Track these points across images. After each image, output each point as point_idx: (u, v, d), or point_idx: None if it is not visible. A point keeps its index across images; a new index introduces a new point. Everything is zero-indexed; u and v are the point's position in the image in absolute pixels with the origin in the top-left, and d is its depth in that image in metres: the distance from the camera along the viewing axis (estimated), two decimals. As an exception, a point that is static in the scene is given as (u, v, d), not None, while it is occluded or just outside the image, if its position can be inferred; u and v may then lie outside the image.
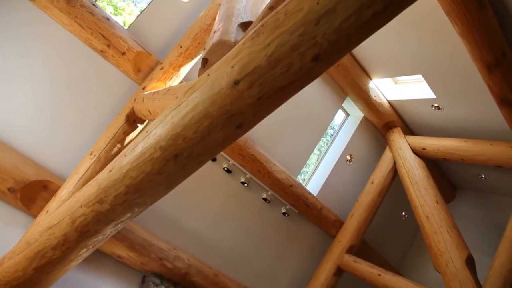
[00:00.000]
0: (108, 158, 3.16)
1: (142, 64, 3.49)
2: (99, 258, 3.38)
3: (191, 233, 3.97)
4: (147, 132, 1.86)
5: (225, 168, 4.04)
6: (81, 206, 2.15)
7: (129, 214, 2.08)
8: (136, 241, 3.41)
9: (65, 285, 3.08)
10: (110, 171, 2.00)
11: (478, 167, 5.08)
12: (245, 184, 4.20)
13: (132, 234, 3.40)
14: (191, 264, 3.79)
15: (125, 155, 1.93)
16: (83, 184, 2.95)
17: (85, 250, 2.37)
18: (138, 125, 3.37)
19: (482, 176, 5.24)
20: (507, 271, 3.28)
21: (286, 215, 4.56)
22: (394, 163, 4.94)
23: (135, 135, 3.35)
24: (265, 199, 4.37)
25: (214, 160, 3.97)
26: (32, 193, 3.01)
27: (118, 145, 3.25)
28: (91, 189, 2.13)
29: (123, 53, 3.39)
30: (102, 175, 2.09)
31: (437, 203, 4.05)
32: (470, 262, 3.55)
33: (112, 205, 2.00)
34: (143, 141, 1.83)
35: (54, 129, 3.21)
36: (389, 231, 5.73)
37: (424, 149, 4.74)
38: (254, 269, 4.49)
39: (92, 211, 2.09)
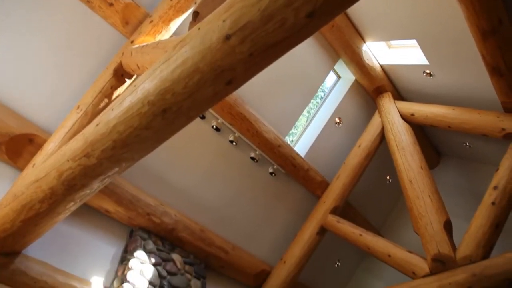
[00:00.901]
0: (95, 112, 3.11)
1: (131, 16, 3.36)
2: (87, 212, 3.42)
3: (179, 189, 4.01)
4: (135, 86, 1.82)
5: (214, 126, 4.03)
6: (68, 160, 2.13)
7: (116, 169, 2.08)
8: (124, 196, 3.44)
9: (54, 237, 3.12)
10: (97, 125, 1.97)
11: (464, 135, 5.16)
12: (234, 143, 4.21)
13: (120, 189, 3.42)
14: (178, 220, 3.86)
15: (112, 109, 1.90)
16: (70, 138, 2.92)
17: (72, 203, 2.38)
18: (126, 79, 3.30)
19: (466, 144, 5.32)
20: (481, 234, 3.42)
21: (273, 175, 4.62)
22: (382, 128, 4.98)
23: (123, 90, 3.28)
24: (253, 159, 4.40)
25: (203, 117, 3.95)
26: (18, 146, 2.97)
27: (106, 100, 3.19)
28: (77, 143, 2.11)
29: (111, 4, 3.25)
30: (89, 129, 2.06)
31: (421, 168, 4.13)
32: (447, 226, 3.69)
33: (99, 159, 1.99)
34: (131, 96, 1.80)
35: (40, 83, 3.12)
36: (372, 194, 5.87)
37: (412, 115, 4.77)
38: (240, 226, 4.60)
39: (79, 165, 2.09)
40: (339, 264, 5.78)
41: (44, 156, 2.93)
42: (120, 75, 3.24)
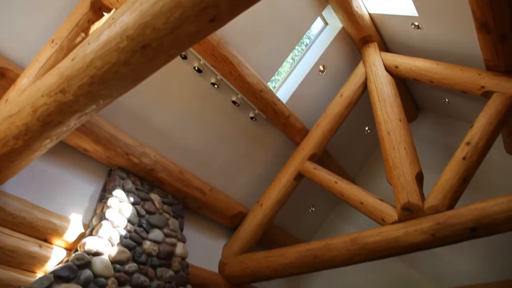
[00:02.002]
0: (71, 47, 2.95)
1: None
2: (65, 150, 3.38)
3: (158, 130, 3.98)
4: (113, 19, 1.73)
5: (196, 68, 3.93)
6: (43, 96, 2.06)
7: (94, 106, 2.03)
8: (102, 135, 3.39)
9: (32, 175, 3.09)
10: (73, 59, 1.89)
11: (444, 91, 5.21)
12: (215, 86, 4.14)
13: (98, 128, 3.36)
14: (157, 161, 3.87)
15: (89, 43, 1.81)
16: (45, 73, 2.80)
17: (48, 140, 2.33)
18: (105, 13, 3.12)
19: (445, 100, 5.39)
20: (449, 187, 3.57)
21: (254, 119, 4.62)
22: (366, 79, 4.97)
23: (101, 24, 3.11)
24: (234, 102, 4.36)
25: (184, 57, 3.83)
26: (-11, 79, 2.84)
27: (82, 34, 3.03)
28: (52, 78, 2.03)
29: None
30: (64, 64, 1.98)
31: (400, 121, 4.19)
32: (419, 177, 3.83)
33: (75, 95, 1.93)
34: (108, 29, 1.71)
35: (11, 15, 2.92)
36: (350, 144, 5.99)
37: (396, 67, 4.76)
38: (219, 168, 4.66)
39: (54, 101, 2.02)
40: (314, 209, 6.01)
41: (17, 91, 2.81)
42: (98, 8, 3.05)
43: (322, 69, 5.08)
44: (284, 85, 5.12)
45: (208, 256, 4.61)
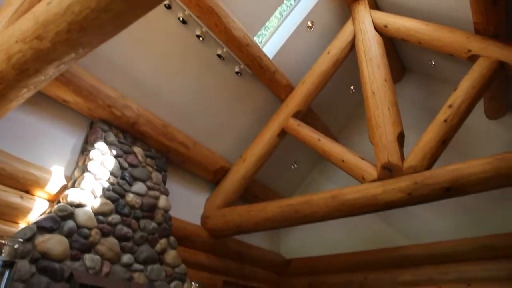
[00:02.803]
0: (47, -10, 2.79)
1: None
2: (44, 101, 3.28)
3: (141, 83, 3.88)
4: (92, -39, 1.61)
5: (180, 18, 3.78)
6: (17, 42, 1.96)
7: (73, 55, 1.94)
8: (83, 86, 3.29)
9: (10, 126, 3.01)
10: (48, 3, 1.78)
11: (431, 53, 5.18)
12: (200, 38, 4.01)
13: (78, 78, 3.25)
14: (140, 114, 3.81)
15: (65, -13, 1.70)
16: (18, 18, 2.65)
17: (26, 90, 2.25)
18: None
19: (432, 62, 5.36)
20: (428, 148, 3.65)
21: (239, 74, 4.54)
22: (354, 37, 4.89)
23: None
24: (219, 56, 4.25)
25: (168, 7, 3.66)
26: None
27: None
28: (27, 23, 1.92)
29: None
30: (39, 8, 1.87)
31: (385, 81, 4.19)
32: (400, 138, 3.90)
33: (53, 43, 1.84)
34: (87, -28, 1.60)
35: None
36: (335, 103, 5.99)
37: (385, 26, 4.67)
38: (203, 123, 4.63)
39: (30, 48, 1.93)
40: (296, 166, 6.10)
41: (-10, 36, 2.67)
42: None
43: (310, 25, 4.96)
44: (271, 40, 5.00)
45: (191, 210, 4.69)
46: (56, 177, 3.15)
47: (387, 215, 5.63)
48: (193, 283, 3.83)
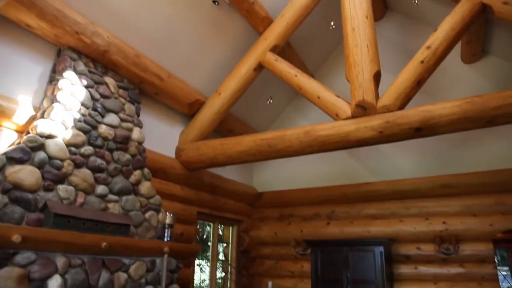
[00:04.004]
0: None
1: None
2: (6, 25, 3.02)
3: (111, 9, 3.62)
4: None
5: None
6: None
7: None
8: (47, 10, 3.04)
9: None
10: None
11: (415, -10, 5.04)
12: (175, -38, 3.72)
13: (41, 1, 2.99)
14: (111, 42, 3.62)
15: None
16: None
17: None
18: None
19: (415, 2, 5.20)
20: (403, 88, 3.69)
21: (216, 3, 4.31)
22: (337, -33, 4.65)
23: None
24: (195, -16, 4.00)
25: None
26: None
27: None
28: None
29: None
30: None
31: (367, 18, 4.08)
32: (377, 77, 3.90)
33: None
34: None
35: None
36: (314, 38, 5.86)
37: (371, -44, 4.45)
38: (177, 54, 4.47)
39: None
40: (271, 101, 6.09)
41: None
42: None
43: (292, -48, 4.66)
44: (251, -34, 4.69)
45: (165, 142, 4.69)
46: (23, 107, 3.03)
47: (358, 152, 5.83)
48: (167, 213, 3.95)
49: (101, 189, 3.36)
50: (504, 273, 9.09)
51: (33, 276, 2.56)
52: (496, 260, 5.10)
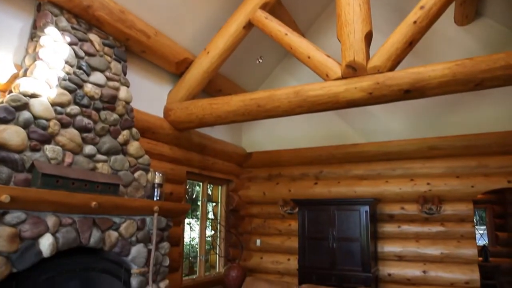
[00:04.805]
0: None
1: None
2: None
3: (93, -40, 3.44)
4: None
5: None
6: None
7: None
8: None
9: None
10: None
11: None
12: None
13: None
14: (94, -3, 3.45)
15: None
16: None
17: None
18: None
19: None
20: (394, 49, 3.64)
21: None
22: None
23: None
24: None
25: None
26: None
27: None
28: None
29: None
30: None
31: (360, -26, 3.95)
32: (368, 37, 3.83)
33: None
34: None
35: None
36: (305, -6, 5.69)
37: None
38: (164, 11, 4.30)
39: None
40: (261, 60, 5.98)
41: None
42: None
43: None
44: None
45: (153, 102, 4.62)
46: (4, 65, 2.92)
47: (347, 113, 5.85)
48: (156, 173, 3.96)
49: (89, 149, 3.33)
50: (482, 232, 9.55)
51: (24, 235, 2.58)
52: (474, 220, 5.31)
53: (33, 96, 2.89)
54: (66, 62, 3.21)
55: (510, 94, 4.98)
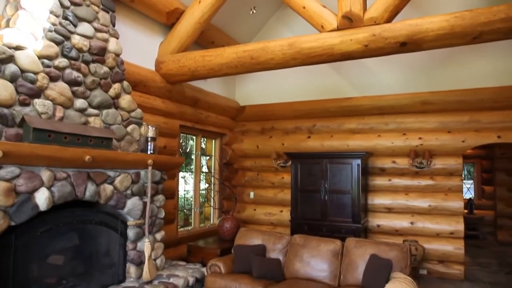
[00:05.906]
0: None
1: None
2: None
3: None
4: None
5: None
6: None
7: None
8: None
9: None
10: None
11: None
12: None
13: None
14: None
15: None
16: None
17: None
18: None
19: None
20: (392, 0, 3.53)
21: None
22: None
23: None
24: None
25: None
26: None
27: None
28: None
29: None
30: None
31: None
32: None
33: None
34: None
35: None
36: None
37: None
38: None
39: None
40: (254, 11, 5.78)
41: None
42: None
43: None
44: None
45: (144, 54, 4.49)
46: (-14, 14, 2.79)
47: (342, 66, 5.76)
48: (149, 126, 3.94)
49: (80, 103, 3.28)
50: (469, 186, 9.81)
51: (20, 189, 2.60)
52: (462, 174, 5.44)
53: (18, 48, 2.78)
54: (51, 12, 3.06)
55: (505, 49, 4.91)
